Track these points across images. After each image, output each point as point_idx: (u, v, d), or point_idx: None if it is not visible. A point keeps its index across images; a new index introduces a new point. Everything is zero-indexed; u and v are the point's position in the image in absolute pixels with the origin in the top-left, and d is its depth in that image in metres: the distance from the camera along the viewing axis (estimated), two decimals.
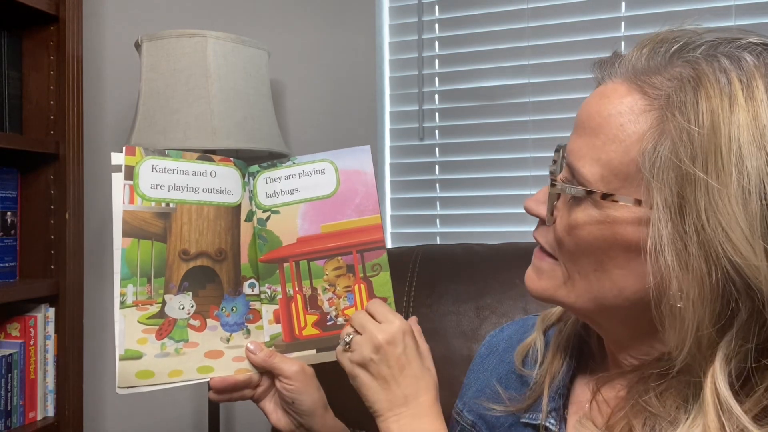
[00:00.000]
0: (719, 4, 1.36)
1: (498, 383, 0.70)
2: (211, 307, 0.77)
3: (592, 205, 0.52)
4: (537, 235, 0.60)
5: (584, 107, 0.56)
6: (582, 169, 0.53)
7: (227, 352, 0.76)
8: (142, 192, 0.74)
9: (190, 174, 0.77)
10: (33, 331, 1.44)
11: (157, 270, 0.75)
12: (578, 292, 0.56)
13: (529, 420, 0.64)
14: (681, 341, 0.48)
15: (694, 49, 0.51)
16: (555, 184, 0.55)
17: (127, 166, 0.74)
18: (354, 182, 0.79)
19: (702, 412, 0.48)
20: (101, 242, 1.76)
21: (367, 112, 1.59)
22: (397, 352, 0.67)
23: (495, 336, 0.79)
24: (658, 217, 0.48)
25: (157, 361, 0.73)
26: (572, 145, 0.55)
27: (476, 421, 0.71)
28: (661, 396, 0.52)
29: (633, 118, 0.51)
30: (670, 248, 0.47)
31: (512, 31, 1.52)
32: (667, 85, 0.50)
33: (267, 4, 1.67)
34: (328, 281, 0.78)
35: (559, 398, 0.63)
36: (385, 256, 0.77)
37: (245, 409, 1.67)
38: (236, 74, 1.34)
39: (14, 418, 1.41)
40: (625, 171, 0.51)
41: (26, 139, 1.47)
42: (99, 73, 1.76)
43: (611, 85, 0.54)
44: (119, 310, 0.73)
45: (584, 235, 0.53)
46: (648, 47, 0.54)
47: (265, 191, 0.80)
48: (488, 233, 1.52)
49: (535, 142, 1.50)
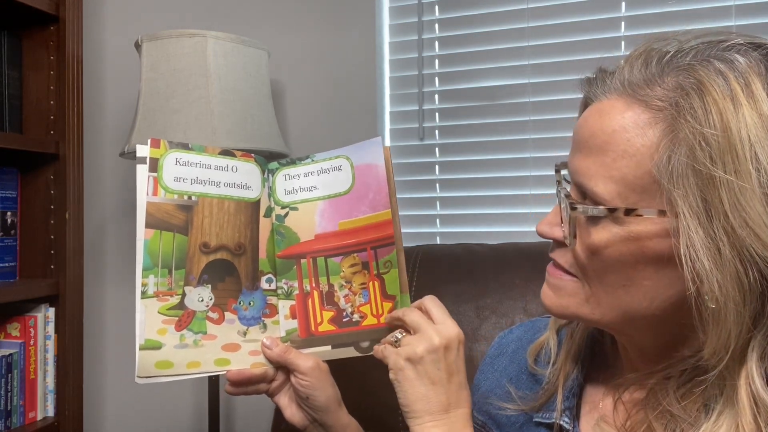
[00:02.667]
0: (719, 4, 1.36)
1: (509, 383, 0.70)
2: (229, 300, 0.77)
3: (613, 222, 0.52)
4: (556, 257, 0.59)
5: (583, 126, 0.55)
6: (595, 188, 0.52)
7: (244, 346, 0.77)
8: (165, 184, 0.75)
9: (212, 168, 0.78)
10: (33, 331, 1.44)
11: (178, 262, 0.75)
12: (604, 308, 0.55)
13: (542, 419, 0.64)
14: (723, 343, 0.48)
15: (684, 56, 0.52)
16: (576, 207, 0.53)
17: (151, 158, 0.75)
18: (367, 177, 0.79)
19: (730, 413, 0.48)
20: (101, 242, 1.76)
21: (367, 112, 1.59)
22: (451, 358, 0.66)
23: (505, 337, 0.79)
24: (686, 225, 0.48)
25: (176, 351, 0.74)
26: (578, 165, 0.54)
27: (486, 421, 0.71)
28: (683, 398, 0.52)
29: (639, 131, 0.51)
30: (705, 253, 0.47)
31: (512, 31, 1.52)
32: (670, 94, 0.50)
33: (267, 4, 1.67)
34: (345, 278, 0.78)
35: (573, 397, 0.63)
36: (395, 253, 0.77)
37: (245, 410, 1.68)
38: (236, 74, 1.34)
39: (14, 418, 1.41)
40: (640, 184, 0.50)
41: (26, 139, 1.47)
42: (99, 73, 1.76)
43: (607, 102, 0.54)
44: (140, 300, 0.73)
45: (611, 254, 0.52)
46: (639, 60, 0.54)
47: (283, 188, 0.81)
48: (488, 233, 1.52)
49: (535, 142, 1.50)
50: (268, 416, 1.55)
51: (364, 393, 1.09)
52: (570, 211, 0.53)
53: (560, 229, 0.57)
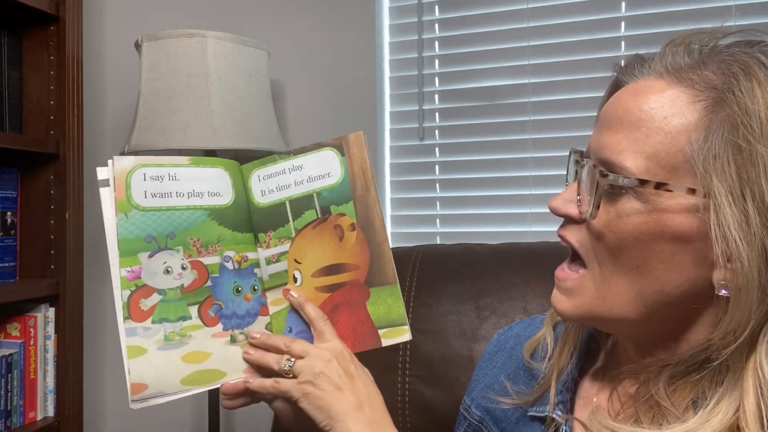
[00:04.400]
0: (719, 4, 1.36)
1: (506, 379, 0.71)
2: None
3: (635, 197, 0.52)
4: (566, 234, 0.58)
5: (615, 103, 0.55)
6: (624, 162, 0.52)
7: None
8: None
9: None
10: (33, 331, 1.44)
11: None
12: (614, 296, 0.55)
13: (536, 413, 0.64)
14: (738, 324, 0.49)
15: (728, 47, 0.53)
16: (607, 175, 0.53)
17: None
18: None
19: (729, 400, 0.49)
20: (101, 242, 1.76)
21: (367, 112, 1.59)
22: (345, 365, 0.68)
23: (503, 334, 0.80)
24: (720, 201, 0.48)
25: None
26: (606, 141, 0.54)
27: (484, 416, 0.72)
28: (673, 392, 0.52)
29: (677, 110, 0.51)
30: (737, 230, 0.48)
31: (512, 31, 1.52)
32: (713, 77, 0.51)
33: (267, 4, 1.67)
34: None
35: (567, 392, 0.63)
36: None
37: (245, 410, 1.67)
38: (236, 74, 1.34)
39: (14, 418, 1.41)
40: (672, 162, 0.51)
41: (26, 139, 1.47)
42: (99, 73, 1.76)
43: (645, 83, 0.55)
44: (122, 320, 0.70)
45: (629, 229, 0.52)
46: (680, 47, 0.55)
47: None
48: (488, 233, 1.52)
49: (535, 142, 1.50)
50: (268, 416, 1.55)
51: None
52: (599, 178, 0.53)
53: (575, 206, 0.57)
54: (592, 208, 0.54)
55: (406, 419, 1.07)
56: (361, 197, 0.74)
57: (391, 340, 0.73)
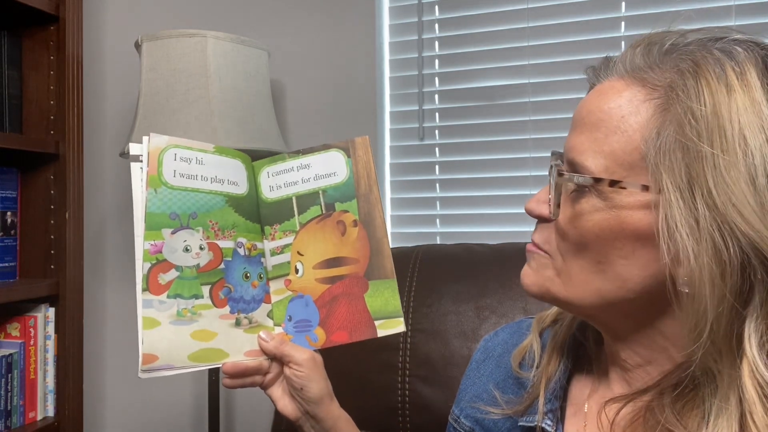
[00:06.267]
0: (719, 4, 1.36)
1: (495, 388, 0.70)
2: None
3: (596, 195, 0.53)
4: (535, 236, 0.61)
5: (582, 106, 0.57)
6: (585, 162, 0.54)
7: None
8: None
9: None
10: (33, 331, 1.44)
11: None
12: (575, 287, 0.56)
13: (526, 423, 0.64)
14: (699, 321, 0.48)
15: (686, 46, 0.53)
16: (562, 173, 0.55)
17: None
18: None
19: (725, 414, 0.48)
20: (101, 242, 1.76)
21: (367, 112, 1.59)
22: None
23: (490, 340, 0.78)
24: (669, 198, 0.49)
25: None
26: (572, 142, 0.56)
27: (474, 427, 0.71)
28: (681, 413, 0.51)
29: (633, 108, 0.52)
30: (683, 224, 0.48)
31: (512, 31, 1.52)
32: (667, 75, 0.52)
33: (267, 4, 1.67)
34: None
35: (556, 399, 0.63)
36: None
37: (245, 410, 1.68)
38: (236, 74, 1.34)
39: (14, 418, 1.41)
40: (629, 160, 0.52)
41: (26, 139, 1.47)
42: (99, 73, 1.76)
43: (608, 83, 0.56)
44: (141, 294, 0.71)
45: (589, 226, 0.54)
46: (641, 47, 0.56)
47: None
48: (488, 233, 1.52)
49: (535, 142, 1.50)
50: (267, 417, 1.55)
51: (363, 394, 1.09)
52: (557, 178, 0.55)
53: (547, 206, 0.58)
54: (554, 207, 0.56)
55: (406, 419, 1.07)
56: (364, 195, 0.78)
57: (387, 330, 0.77)
